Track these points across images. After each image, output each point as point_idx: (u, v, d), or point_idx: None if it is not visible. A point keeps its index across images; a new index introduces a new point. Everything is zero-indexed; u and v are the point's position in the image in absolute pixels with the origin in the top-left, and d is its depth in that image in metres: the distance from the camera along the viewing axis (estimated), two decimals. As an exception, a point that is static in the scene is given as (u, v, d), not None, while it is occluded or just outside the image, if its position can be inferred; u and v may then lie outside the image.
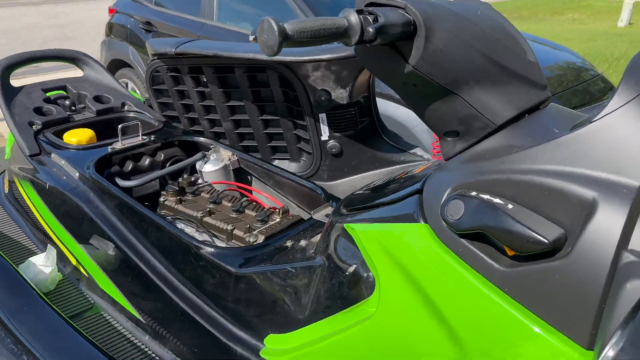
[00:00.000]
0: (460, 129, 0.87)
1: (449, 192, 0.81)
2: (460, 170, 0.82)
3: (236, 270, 1.18)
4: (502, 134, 0.82)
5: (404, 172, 1.09)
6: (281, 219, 1.41)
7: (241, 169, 1.74)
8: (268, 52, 0.72)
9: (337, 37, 0.77)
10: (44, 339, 1.12)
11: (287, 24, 0.72)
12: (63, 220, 1.53)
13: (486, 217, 0.74)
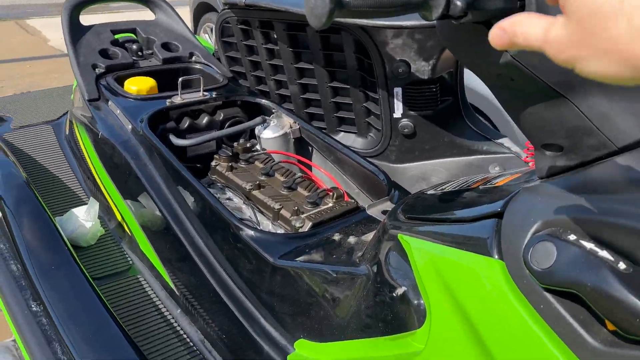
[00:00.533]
0: (565, 144, 0.66)
1: (537, 227, 0.61)
2: (558, 200, 0.62)
3: (275, 260, 1.05)
4: (625, 160, 0.60)
5: (485, 178, 0.89)
6: (334, 204, 1.26)
7: (302, 139, 1.59)
8: (314, 22, 0.55)
9: (412, 9, 0.57)
10: (64, 301, 1.07)
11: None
12: (111, 174, 1.47)
13: (585, 275, 0.54)
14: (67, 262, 1.16)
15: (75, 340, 0.99)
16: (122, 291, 1.32)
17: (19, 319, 1.07)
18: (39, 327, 1.04)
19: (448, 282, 0.71)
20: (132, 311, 1.25)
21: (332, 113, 1.70)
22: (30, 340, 1.03)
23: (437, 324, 0.73)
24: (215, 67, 1.83)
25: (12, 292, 1.12)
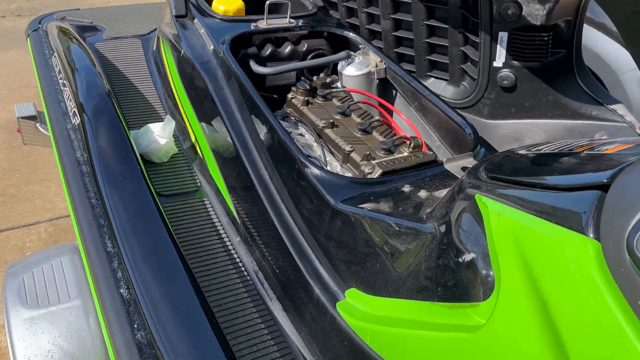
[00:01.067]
0: None
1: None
2: None
3: (336, 203, 0.98)
4: None
5: (591, 144, 0.75)
6: (410, 154, 1.15)
7: (386, 80, 1.48)
8: None
9: None
10: (126, 213, 1.08)
11: None
12: (190, 94, 1.45)
13: None
14: (135, 175, 1.16)
15: (131, 253, 1.00)
16: (187, 211, 1.32)
17: (83, 225, 1.10)
18: (99, 235, 1.06)
19: (526, 255, 0.61)
20: (193, 232, 1.25)
21: (424, 55, 1.56)
22: (90, 246, 1.06)
23: (505, 300, 0.63)
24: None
25: (80, 198, 1.15)
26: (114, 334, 0.94)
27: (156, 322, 0.88)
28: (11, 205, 2.34)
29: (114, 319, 0.95)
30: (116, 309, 0.94)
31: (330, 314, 0.96)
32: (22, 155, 2.65)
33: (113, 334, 0.95)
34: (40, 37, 1.82)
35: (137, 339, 0.90)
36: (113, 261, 1.01)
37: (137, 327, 0.91)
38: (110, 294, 0.97)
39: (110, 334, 0.94)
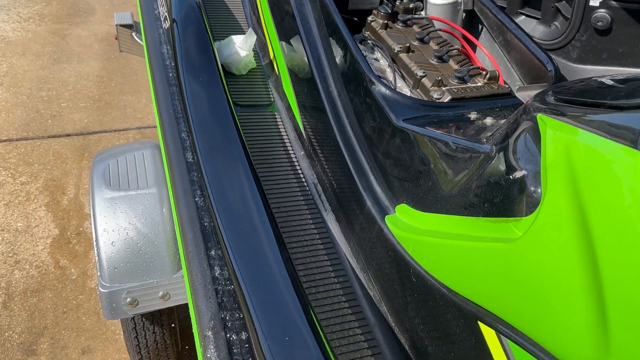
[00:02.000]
0: None
1: None
2: None
3: (397, 121, 1.00)
4: None
5: None
6: (484, 84, 1.13)
7: (474, 12, 1.43)
8: None
9: None
10: (204, 112, 1.15)
11: None
12: (273, 11, 1.48)
13: None
14: (214, 80, 1.23)
15: (203, 147, 1.08)
16: (258, 122, 1.39)
17: (164, 117, 1.19)
18: (177, 129, 1.15)
19: (576, 170, 0.61)
20: (261, 142, 1.32)
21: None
22: (168, 137, 1.15)
23: (546, 213, 0.63)
24: None
25: (164, 95, 1.24)
26: (182, 219, 1.04)
27: (219, 210, 0.96)
28: (105, 111, 2.55)
29: (183, 205, 1.05)
30: (186, 197, 1.04)
31: (379, 225, 1.00)
32: (119, 67, 2.85)
33: (182, 219, 1.04)
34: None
35: (202, 224, 0.99)
36: (187, 153, 1.10)
37: (203, 214, 1.00)
38: (182, 181, 1.06)
39: (180, 219, 1.04)
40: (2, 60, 2.78)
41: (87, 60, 2.87)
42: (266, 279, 0.89)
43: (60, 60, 2.85)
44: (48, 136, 2.35)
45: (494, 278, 0.72)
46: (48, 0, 3.37)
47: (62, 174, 2.16)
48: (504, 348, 0.71)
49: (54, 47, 2.95)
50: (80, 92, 2.64)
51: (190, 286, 0.93)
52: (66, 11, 3.29)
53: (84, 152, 2.29)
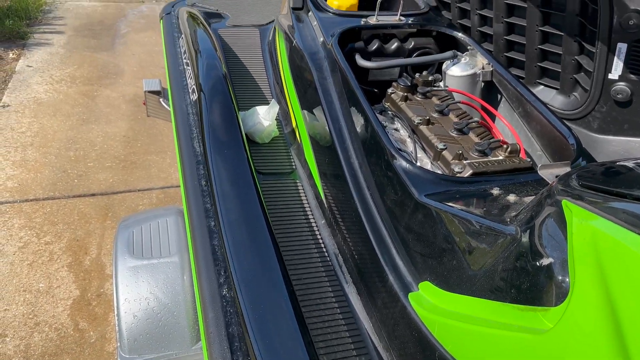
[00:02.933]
0: None
1: None
2: None
3: (420, 197, 1.00)
4: None
5: None
6: (505, 158, 1.13)
7: (492, 83, 1.46)
8: None
9: None
10: (227, 185, 1.17)
11: None
12: (296, 82, 1.53)
13: None
14: (239, 150, 1.26)
15: (226, 216, 1.10)
16: (281, 190, 1.41)
17: (189, 185, 1.21)
18: (201, 198, 1.17)
19: (604, 264, 0.60)
20: (283, 210, 1.33)
21: (536, 61, 1.51)
22: (192, 204, 1.17)
23: (576, 306, 0.62)
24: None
25: (189, 163, 1.27)
26: (203, 293, 1.04)
27: (240, 281, 0.96)
28: (130, 171, 2.61)
29: (204, 274, 1.05)
30: (208, 268, 1.04)
31: (402, 303, 0.98)
32: (145, 128, 2.94)
33: (203, 292, 1.04)
34: (171, 21, 2.01)
35: (222, 293, 0.99)
36: (210, 220, 1.11)
37: (223, 283, 1.00)
38: (204, 251, 1.07)
39: (200, 288, 1.04)
40: (33, 120, 2.90)
41: (114, 121, 2.97)
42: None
43: (88, 121, 2.95)
44: (73, 196, 2.40)
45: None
46: (80, 63, 3.53)
47: (85, 233, 2.19)
48: None
49: (84, 108, 3.06)
50: (107, 152, 2.72)
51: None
52: (97, 73, 3.44)
53: (108, 212, 2.33)
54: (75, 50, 3.68)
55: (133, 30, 4.04)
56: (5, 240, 2.13)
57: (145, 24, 4.16)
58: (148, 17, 4.29)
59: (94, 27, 4.05)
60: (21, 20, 3.93)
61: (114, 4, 4.51)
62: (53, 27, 4.00)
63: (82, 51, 3.69)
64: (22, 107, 3.00)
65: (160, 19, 2.10)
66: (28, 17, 4.02)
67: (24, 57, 3.52)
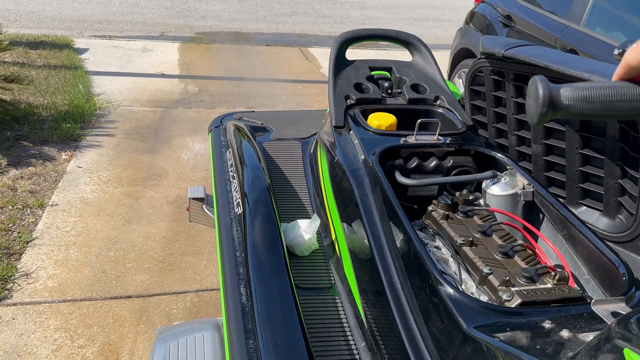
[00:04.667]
0: None
1: None
2: None
3: (469, 328, 0.97)
4: None
5: None
6: (554, 286, 1.10)
7: (534, 204, 1.45)
8: (529, 120, 0.51)
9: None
10: (268, 300, 1.17)
11: (566, 87, 0.48)
12: (337, 196, 1.57)
13: None
14: (280, 266, 1.27)
15: (265, 338, 1.08)
16: (319, 306, 1.39)
17: (230, 304, 1.21)
18: (242, 316, 1.16)
19: None
20: (322, 329, 1.30)
21: (577, 183, 1.51)
22: (232, 323, 1.16)
23: None
24: (458, 113, 1.81)
25: (231, 279, 1.28)
26: None
27: None
28: (167, 272, 2.63)
29: None
30: None
31: None
32: (184, 229, 3.00)
33: None
34: (219, 133, 2.13)
35: None
36: (249, 341, 1.09)
37: None
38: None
39: None
40: (78, 220, 3.01)
41: (155, 222, 3.06)
42: None
43: (130, 221, 3.05)
44: (110, 297, 2.42)
45: None
46: (127, 165, 3.72)
47: (118, 337, 2.18)
48: None
49: (127, 208, 3.18)
50: (146, 252, 2.77)
51: None
52: (142, 174, 3.60)
53: (142, 315, 2.32)
54: (124, 152, 3.89)
55: (179, 134, 4.28)
56: (40, 342, 2.13)
57: (191, 129, 4.40)
58: (194, 122, 4.55)
59: (143, 131, 4.31)
60: (76, 123, 4.23)
61: (162, 109, 4.83)
62: (105, 129, 4.27)
63: (130, 153, 3.89)
64: (69, 207, 3.13)
65: (209, 131, 2.23)
66: (82, 120, 4.32)
67: (75, 158, 3.74)
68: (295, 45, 7.63)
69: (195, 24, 8.47)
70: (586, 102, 0.50)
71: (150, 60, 6.26)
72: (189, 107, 4.97)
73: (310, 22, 9.23)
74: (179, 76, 5.85)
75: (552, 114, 0.52)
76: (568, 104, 0.51)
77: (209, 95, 5.33)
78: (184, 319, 2.35)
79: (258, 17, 9.25)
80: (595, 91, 0.50)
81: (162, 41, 7.26)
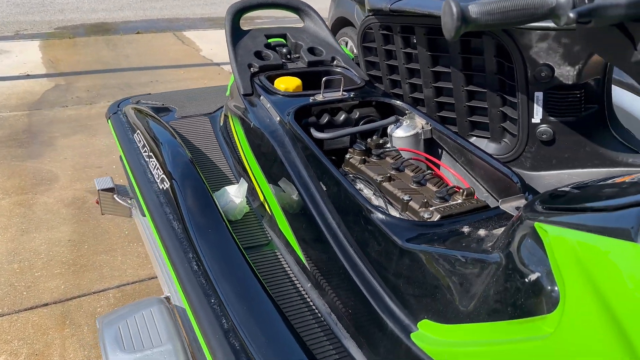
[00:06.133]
0: None
1: None
2: None
3: (403, 243, 1.11)
4: None
5: (629, 175, 0.87)
6: (464, 200, 1.28)
7: (432, 140, 1.64)
8: (446, 35, 0.63)
9: (539, 18, 0.62)
10: (218, 262, 1.22)
11: (472, 4, 0.61)
12: (259, 159, 1.63)
13: None
14: (222, 226, 1.32)
15: (227, 295, 1.13)
16: (262, 262, 1.46)
17: (182, 274, 1.24)
18: (197, 283, 1.20)
19: (587, 266, 0.72)
20: (270, 279, 1.38)
21: (466, 117, 1.72)
22: (192, 294, 1.19)
23: (571, 308, 0.73)
24: (354, 70, 1.94)
25: (175, 250, 1.31)
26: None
27: (256, 352, 1.00)
28: (82, 274, 2.52)
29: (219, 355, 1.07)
30: (221, 346, 1.06)
31: (406, 344, 1.05)
32: (90, 229, 2.87)
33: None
34: (120, 119, 2.07)
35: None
36: (210, 299, 1.14)
37: (240, 351, 1.03)
38: (212, 330, 1.09)
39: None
40: (-33, 238, 2.75)
41: (56, 227, 2.88)
42: None
43: (28, 231, 2.84)
44: (24, 309, 2.27)
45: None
46: (10, 174, 3.43)
47: (44, 346, 2.07)
48: None
49: (21, 218, 2.95)
50: (54, 258, 2.62)
51: None
52: (29, 181, 3.34)
53: (65, 319, 2.22)
54: (3, 161, 3.58)
55: (61, 135, 4.01)
56: (-46, 369, 1.96)
57: (73, 128, 4.14)
58: (75, 120, 4.28)
59: (19, 136, 3.97)
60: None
61: (36, 111, 4.47)
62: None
63: (10, 161, 3.59)
64: (-48, 226, 2.84)
65: (107, 119, 2.15)
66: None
67: (-53, 175, 3.37)
68: (168, 30, 7.38)
69: (52, 18, 7.82)
70: (489, 14, 0.63)
71: (9, 62, 5.72)
72: (66, 105, 4.65)
73: (179, 5, 8.94)
74: (47, 75, 5.42)
75: (465, 27, 0.63)
76: (476, 17, 0.62)
77: (85, 90, 5.02)
78: (111, 316, 2.28)
79: (122, 5, 8.75)
80: (495, 5, 0.62)
81: (18, 40, 6.64)
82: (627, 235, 0.68)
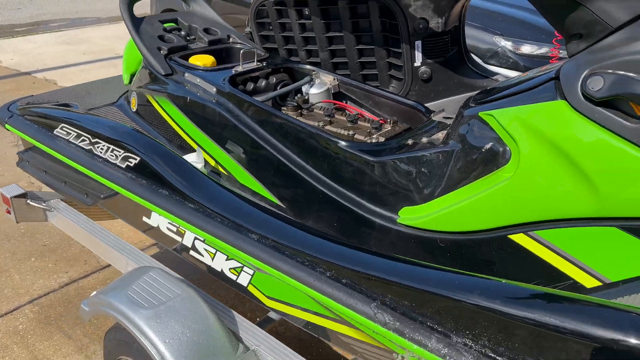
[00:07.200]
0: (583, 32, 1.11)
1: (587, 73, 1.05)
2: (593, 57, 1.07)
3: (374, 157, 1.43)
4: (620, 34, 1.05)
5: (526, 73, 1.33)
6: (392, 127, 1.66)
7: (340, 92, 1.98)
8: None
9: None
10: (226, 206, 1.41)
11: None
12: (204, 128, 1.78)
13: (627, 86, 0.98)
14: (212, 182, 1.49)
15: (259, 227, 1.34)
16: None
17: (192, 218, 1.39)
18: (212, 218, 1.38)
19: (528, 122, 1.13)
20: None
21: (358, 71, 2.11)
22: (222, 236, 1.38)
23: (524, 153, 1.14)
24: (250, 45, 2.18)
25: (175, 207, 1.44)
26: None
27: None
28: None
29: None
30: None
31: (395, 229, 1.39)
32: (-33, 256, 2.59)
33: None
34: (22, 120, 1.98)
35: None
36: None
37: None
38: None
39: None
40: None
41: None
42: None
43: None
44: None
45: (510, 205, 1.19)
46: None
47: (-20, 374, 1.91)
48: (534, 239, 1.17)
49: None
50: (-61, 293, 2.33)
51: None
52: None
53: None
54: None
55: None
56: None
57: None
58: None
59: None
60: None
61: None
62: None
63: None
64: None
65: (3, 124, 2.03)
66: None
67: None
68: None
69: None
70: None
71: None
72: None
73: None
74: None
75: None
76: None
77: None
78: (36, 329, 2.17)
79: None
80: None
81: None
82: (549, 99, 1.12)
